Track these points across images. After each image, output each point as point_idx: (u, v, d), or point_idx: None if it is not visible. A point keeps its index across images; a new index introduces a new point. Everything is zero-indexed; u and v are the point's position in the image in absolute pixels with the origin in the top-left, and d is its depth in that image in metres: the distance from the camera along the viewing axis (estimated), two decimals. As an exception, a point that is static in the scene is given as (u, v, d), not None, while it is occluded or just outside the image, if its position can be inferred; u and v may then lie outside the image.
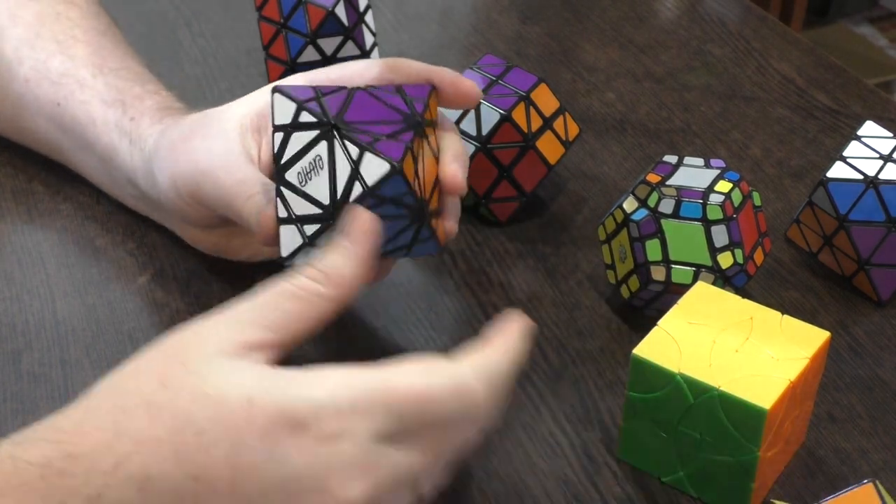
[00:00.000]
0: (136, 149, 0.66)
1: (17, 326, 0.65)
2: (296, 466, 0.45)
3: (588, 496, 0.57)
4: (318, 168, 0.54)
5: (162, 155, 0.64)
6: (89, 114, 0.69)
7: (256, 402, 0.45)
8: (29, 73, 0.72)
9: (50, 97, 0.71)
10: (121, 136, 0.67)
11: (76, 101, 0.70)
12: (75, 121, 0.70)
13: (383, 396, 0.46)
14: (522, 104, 0.71)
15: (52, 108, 0.71)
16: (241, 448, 0.45)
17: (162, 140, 0.65)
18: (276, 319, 0.48)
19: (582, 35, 0.94)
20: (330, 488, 0.45)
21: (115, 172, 0.69)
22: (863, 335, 0.67)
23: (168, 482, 0.44)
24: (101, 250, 0.71)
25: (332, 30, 0.82)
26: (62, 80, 0.71)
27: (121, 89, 0.70)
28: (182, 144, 0.63)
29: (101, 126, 0.68)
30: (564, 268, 0.71)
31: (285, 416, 0.45)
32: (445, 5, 0.99)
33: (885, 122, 0.75)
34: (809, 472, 0.59)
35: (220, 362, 0.46)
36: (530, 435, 0.60)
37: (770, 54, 0.92)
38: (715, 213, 0.62)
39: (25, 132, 0.74)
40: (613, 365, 0.64)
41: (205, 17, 0.94)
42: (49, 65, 0.71)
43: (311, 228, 0.54)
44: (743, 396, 0.53)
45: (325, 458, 0.45)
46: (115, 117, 0.68)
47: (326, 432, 0.45)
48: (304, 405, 0.45)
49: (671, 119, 0.84)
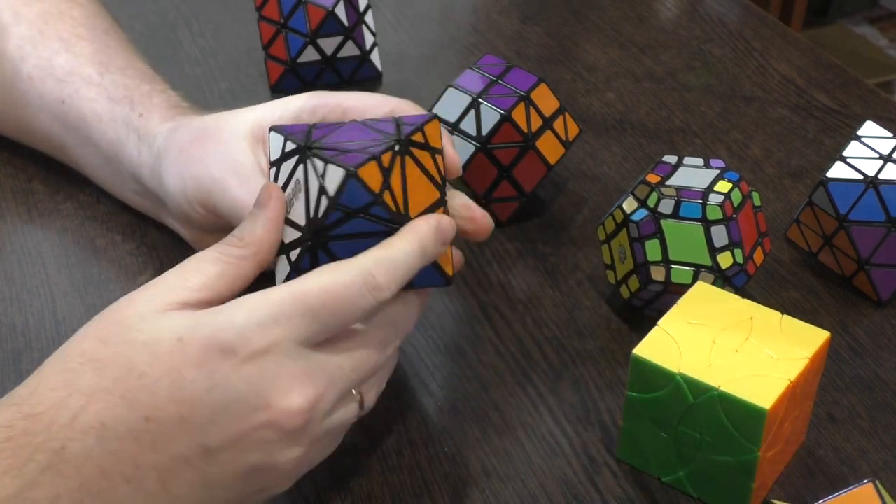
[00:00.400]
0: (144, 145, 0.67)
1: (17, 326, 0.65)
2: (235, 388, 0.48)
3: (588, 496, 0.57)
4: (297, 192, 0.54)
5: (172, 156, 0.64)
6: (95, 110, 0.69)
7: (186, 339, 0.49)
8: (33, 70, 0.72)
9: (55, 94, 0.71)
10: (128, 132, 0.68)
11: (82, 98, 0.70)
12: (80, 117, 0.70)
13: (298, 302, 0.50)
14: (522, 104, 0.71)
15: (57, 106, 0.71)
16: (181, 382, 0.48)
17: (172, 140, 0.65)
18: (199, 280, 0.51)
19: (582, 35, 0.94)
20: (272, 401, 0.49)
21: (120, 168, 0.69)
22: (863, 335, 0.67)
23: (122, 426, 0.47)
24: (101, 250, 0.71)
25: (332, 30, 0.83)
26: (67, 78, 0.71)
27: (128, 87, 0.70)
28: (193, 148, 0.63)
29: (108, 122, 0.69)
30: (564, 268, 0.71)
31: (213, 344, 0.48)
32: (445, 5, 0.99)
33: (885, 122, 0.75)
34: (809, 472, 0.59)
35: (152, 317, 0.50)
36: (530, 435, 0.60)
37: (770, 54, 0.92)
38: (714, 213, 0.62)
39: (28, 130, 0.74)
40: (613, 365, 0.64)
41: (205, 17, 0.94)
42: (54, 62, 0.72)
43: (294, 253, 0.54)
44: (743, 396, 0.53)
45: (260, 374, 0.49)
46: (123, 113, 0.68)
47: (255, 349, 0.49)
48: (229, 330, 0.49)
49: (671, 119, 0.84)
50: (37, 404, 0.47)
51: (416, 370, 0.63)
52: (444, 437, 0.60)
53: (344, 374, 0.51)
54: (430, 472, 0.58)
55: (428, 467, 0.58)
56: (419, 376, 0.63)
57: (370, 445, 0.59)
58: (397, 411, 0.61)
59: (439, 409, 0.61)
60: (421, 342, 0.65)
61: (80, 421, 0.47)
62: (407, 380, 0.63)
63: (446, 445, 0.59)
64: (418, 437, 0.60)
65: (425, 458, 0.59)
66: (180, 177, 0.63)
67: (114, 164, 0.69)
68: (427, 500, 0.56)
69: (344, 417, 0.52)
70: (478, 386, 0.63)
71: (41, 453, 0.47)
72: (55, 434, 0.47)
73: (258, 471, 0.50)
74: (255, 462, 0.49)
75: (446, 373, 0.63)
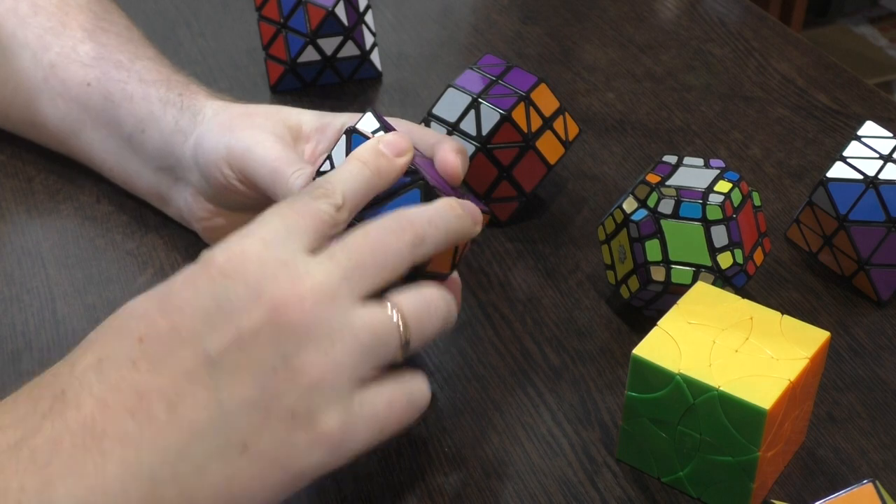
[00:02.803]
0: (186, 115, 0.67)
1: (17, 326, 0.65)
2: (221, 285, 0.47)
3: (588, 496, 0.57)
4: None
5: (222, 120, 0.65)
6: (126, 91, 0.70)
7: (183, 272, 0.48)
8: (55, 58, 0.73)
9: (79, 78, 0.72)
10: (164, 107, 0.68)
11: (111, 80, 0.71)
12: (107, 98, 0.71)
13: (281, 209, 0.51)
14: (522, 104, 0.71)
15: (80, 89, 0.72)
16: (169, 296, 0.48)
17: (225, 112, 0.66)
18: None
19: (582, 35, 0.94)
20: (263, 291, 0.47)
21: (143, 145, 0.69)
22: (863, 335, 0.67)
23: (118, 354, 0.46)
24: (101, 250, 0.71)
25: (331, 30, 0.83)
26: (94, 63, 0.72)
27: (161, 72, 0.71)
28: (237, 120, 0.65)
29: (139, 101, 0.69)
30: (564, 268, 0.71)
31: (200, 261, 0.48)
32: (445, 5, 0.99)
33: (885, 122, 0.75)
34: (809, 472, 0.59)
35: None
36: (530, 435, 0.60)
37: (770, 54, 0.92)
38: (714, 213, 0.62)
39: (37, 119, 0.74)
40: (613, 365, 0.64)
41: (205, 17, 0.94)
42: (79, 49, 0.72)
43: None
44: (743, 396, 0.53)
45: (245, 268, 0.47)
46: (159, 94, 0.69)
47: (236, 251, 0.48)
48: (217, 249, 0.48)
49: (671, 119, 0.84)
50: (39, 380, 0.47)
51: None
52: (444, 437, 0.60)
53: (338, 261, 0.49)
54: (430, 472, 0.58)
55: (428, 467, 0.58)
56: (419, 376, 0.63)
57: (370, 445, 0.59)
58: (397, 411, 0.61)
59: (439, 409, 0.61)
60: (421, 342, 0.65)
61: (78, 365, 0.46)
62: (407, 380, 0.63)
63: (446, 445, 0.59)
64: (418, 437, 0.60)
65: (425, 458, 0.59)
66: (224, 137, 0.64)
67: (135, 142, 0.70)
68: (427, 500, 0.56)
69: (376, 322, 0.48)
70: (478, 386, 0.63)
71: (43, 401, 0.45)
72: (55, 383, 0.46)
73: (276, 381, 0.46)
74: (268, 366, 0.46)
75: (446, 373, 0.63)
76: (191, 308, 0.47)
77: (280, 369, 0.46)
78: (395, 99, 0.85)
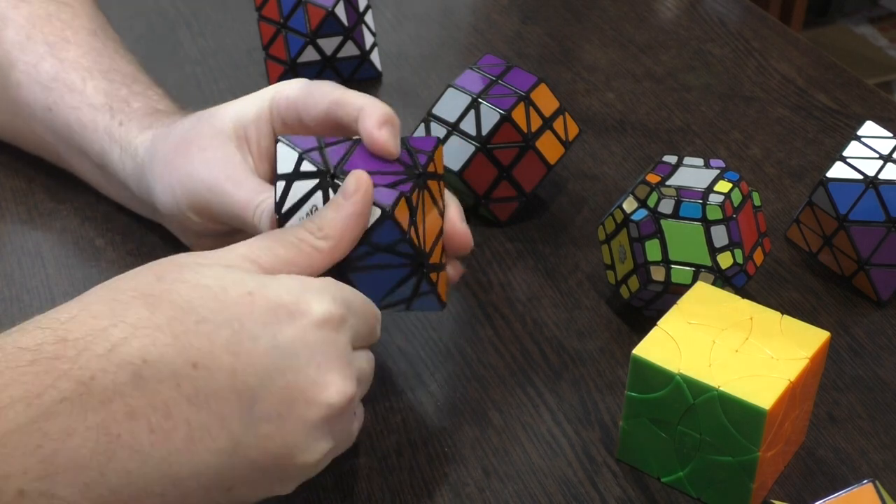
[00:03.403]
0: (127, 156, 0.66)
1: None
2: (297, 353, 0.47)
3: (588, 496, 0.57)
4: None
5: (157, 169, 0.63)
6: (80, 120, 0.69)
7: (256, 293, 0.47)
8: (21, 77, 0.72)
9: (41, 102, 0.71)
10: (111, 143, 0.67)
11: (66, 107, 0.70)
12: (68, 126, 0.70)
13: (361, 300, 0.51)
14: (522, 104, 0.71)
15: (45, 113, 0.71)
16: (242, 335, 0.46)
17: (155, 151, 0.64)
18: (268, 261, 0.50)
19: (582, 35, 0.94)
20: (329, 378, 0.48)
21: (110, 177, 0.69)
22: (863, 335, 0.67)
23: (166, 367, 0.45)
24: (101, 250, 0.71)
25: (331, 30, 0.83)
26: (52, 85, 0.70)
27: (108, 93, 0.69)
28: (177, 159, 0.62)
29: (92, 132, 0.68)
30: (564, 268, 0.71)
31: (284, 303, 0.47)
32: (445, 5, 0.99)
33: (885, 122, 0.75)
34: (809, 472, 0.59)
35: (218, 267, 0.48)
36: (530, 435, 0.60)
37: (770, 54, 0.92)
38: (714, 213, 0.62)
39: (22, 135, 0.74)
40: (613, 365, 0.64)
41: (205, 17, 0.94)
42: (40, 68, 0.71)
43: None
44: (743, 396, 0.53)
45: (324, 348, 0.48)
46: (105, 123, 0.68)
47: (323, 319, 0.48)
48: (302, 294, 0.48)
49: (671, 119, 0.84)
50: (73, 330, 0.45)
51: (416, 370, 0.63)
52: (444, 437, 0.60)
53: (365, 377, 0.52)
54: (430, 472, 0.58)
55: (428, 467, 0.58)
56: (419, 376, 0.63)
57: (370, 445, 0.59)
58: (397, 411, 0.61)
59: (439, 409, 0.61)
60: (421, 342, 0.65)
61: (118, 353, 0.45)
62: (407, 380, 0.63)
63: (446, 445, 0.59)
64: (418, 437, 0.60)
65: (425, 458, 0.59)
66: (170, 187, 0.62)
67: (105, 172, 0.69)
68: (427, 500, 0.56)
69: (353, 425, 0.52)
70: (478, 386, 0.63)
71: (66, 381, 0.44)
72: (86, 363, 0.44)
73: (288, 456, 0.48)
74: (291, 443, 0.48)
75: (446, 373, 0.63)
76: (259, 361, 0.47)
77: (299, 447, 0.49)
78: (394, 99, 0.85)
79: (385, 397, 0.61)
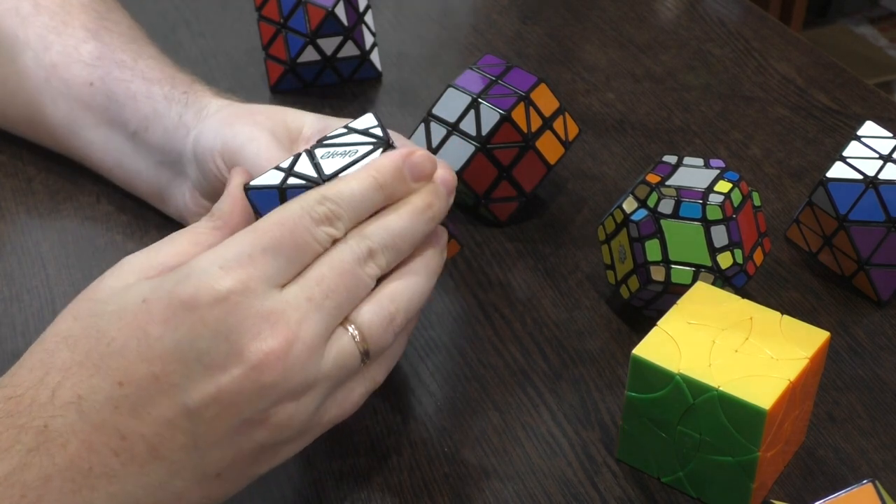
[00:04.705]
0: (191, 110, 0.67)
1: (17, 326, 0.65)
2: (202, 337, 0.47)
3: (588, 496, 0.57)
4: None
5: (223, 116, 0.65)
6: (129, 90, 0.70)
7: (150, 298, 0.48)
8: (56, 57, 0.73)
9: (81, 78, 0.72)
10: (169, 104, 0.68)
11: (114, 80, 0.71)
12: (110, 98, 0.71)
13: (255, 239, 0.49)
14: (522, 104, 0.71)
15: (82, 89, 0.72)
16: (148, 341, 0.48)
17: (229, 108, 0.66)
18: (171, 249, 0.52)
19: (582, 35, 0.94)
20: (243, 347, 0.47)
21: (145, 141, 0.69)
22: (863, 335, 0.67)
23: (99, 396, 0.47)
24: (101, 250, 0.71)
25: (331, 30, 0.83)
26: (97, 62, 0.72)
27: (164, 71, 0.71)
28: (244, 116, 0.64)
29: (143, 100, 0.69)
30: (564, 268, 0.71)
31: (175, 297, 0.48)
32: (445, 5, 0.99)
33: (885, 122, 0.75)
34: (809, 472, 0.59)
35: (121, 288, 0.50)
36: (530, 435, 0.60)
37: (770, 54, 0.92)
38: (714, 213, 0.62)
39: (37, 119, 0.74)
40: (613, 365, 0.64)
41: (205, 17, 0.94)
42: (81, 49, 0.72)
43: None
44: (743, 396, 0.53)
45: (226, 320, 0.47)
46: (163, 91, 0.69)
47: (217, 294, 0.47)
48: (190, 280, 0.48)
49: (671, 119, 0.84)
50: (17, 386, 0.48)
51: (416, 370, 0.63)
52: (444, 437, 0.60)
53: (316, 303, 0.49)
54: (430, 472, 0.58)
55: (428, 467, 0.58)
56: (419, 376, 0.63)
57: (370, 445, 0.59)
58: (397, 411, 0.61)
59: (439, 409, 0.61)
60: (421, 342, 0.65)
61: (59, 397, 0.47)
62: (407, 380, 0.63)
63: (446, 445, 0.59)
64: (418, 437, 0.60)
65: (425, 458, 0.59)
66: (222, 131, 0.64)
67: (138, 139, 0.70)
68: (427, 500, 0.56)
69: (340, 356, 0.50)
70: (477, 386, 0.63)
71: (26, 433, 0.46)
72: (37, 413, 0.47)
73: (251, 426, 0.48)
74: (245, 417, 0.48)
75: (446, 373, 0.63)
76: (172, 359, 0.47)
77: (255, 418, 0.49)
78: (394, 99, 0.85)
79: (385, 397, 0.61)
